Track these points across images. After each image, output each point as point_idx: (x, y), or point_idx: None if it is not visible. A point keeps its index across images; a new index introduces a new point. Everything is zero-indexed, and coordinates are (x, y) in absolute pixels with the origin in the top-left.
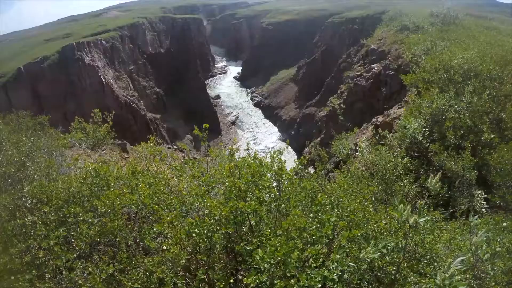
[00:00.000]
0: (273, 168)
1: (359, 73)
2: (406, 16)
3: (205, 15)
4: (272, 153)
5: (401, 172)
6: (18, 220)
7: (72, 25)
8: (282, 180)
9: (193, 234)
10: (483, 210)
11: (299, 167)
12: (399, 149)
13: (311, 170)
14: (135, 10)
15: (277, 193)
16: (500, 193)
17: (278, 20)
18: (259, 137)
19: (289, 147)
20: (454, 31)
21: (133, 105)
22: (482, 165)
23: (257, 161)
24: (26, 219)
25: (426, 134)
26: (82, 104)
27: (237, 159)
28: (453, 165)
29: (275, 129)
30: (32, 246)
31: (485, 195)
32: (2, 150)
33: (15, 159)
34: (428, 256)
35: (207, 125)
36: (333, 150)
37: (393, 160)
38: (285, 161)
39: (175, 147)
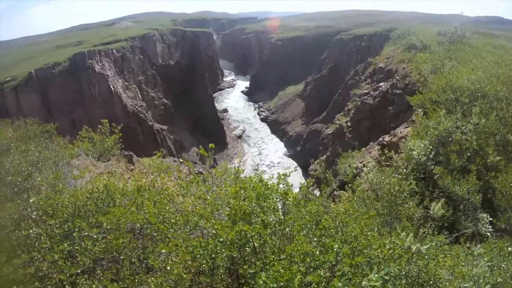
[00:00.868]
0: (279, 190)
1: (366, 91)
2: (414, 35)
3: (215, 29)
4: (279, 175)
5: (406, 195)
6: (23, 231)
7: (84, 33)
8: (288, 203)
9: (197, 255)
10: (488, 234)
11: (304, 190)
12: (404, 170)
13: (316, 192)
14: (146, 22)
15: (282, 216)
16: (506, 217)
17: (287, 36)
18: (265, 152)
19: (295, 162)
20: (461, 50)
21: (141, 115)
22: (488, 188)
23: (262, 185)
24: (31, 231)
25: (431, 156)
26: (90, 112)
27: (243, 177)
28: (458, 189)
29: (281, 144)
30: (36, 258)
31: (490, 219)
32: (9, 158)
33: (23, 168)
34: (431, 282)
35: (213, 145)
36: (338, 168)
37: (399, 186)
38: (292, 184)
39: (181, 160)
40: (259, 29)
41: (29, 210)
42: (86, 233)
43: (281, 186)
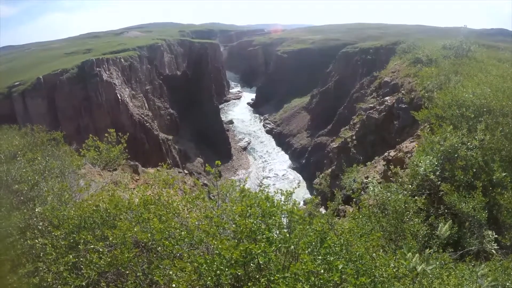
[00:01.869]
0: (284, 207)
1: (372, 105)
2: (419, 49)
3: (222, 40)
4: (285, 192)
5: (412, 213)
6: (28, 241)
7: (93, 41)
8: (293, 221)
9: (203, 272)
10: (493, 251)
11: (310, 207)
12: (410, 186)
13: (321, 209)
14: (154, 32)
15: (287, 234)
16: (511, 234)
17: (293, 48)
18: (269, 164)
19: (299, 175)
20: (466, 65)
21: (147, 124)
22: (493, 205)
23: (268, 203)
24: (36, 241)
25: (438, 173)
26: (96, 119)
27: (249, 191)
28: (463, 206)
29: (286, 157)
30: (41, 268)
31: (496, 236)
32: (16, 165)
33: (29, 177)
34: None
35: (219, 162)
36: (343, 182)
37: (405, 203)
38: (298, 202)
39: (185, 171)
40: (266, 41)
41: (34, 219)
42: (91, 246)
43: (284, 201)
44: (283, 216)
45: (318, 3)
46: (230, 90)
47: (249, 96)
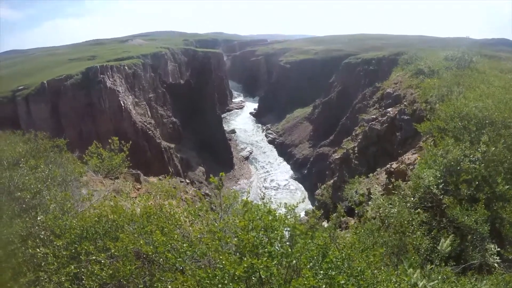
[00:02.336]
0: (287, 222)
1: (374, 116)
2: (422, 60)
3: (226, 50)
4: (288, 206)
5: (415, 227)
6: (30, 250)
7: (98, 48)
8: (295, 236)
9: (205, 286)
10: (496, 265)
11: (312, 221)
12: (412, 198)
13: (324, 223)
14: (159, 40)
15: (289, 249)
16: None
17: (296, 59)
18: (271, 174)
19: (301, 185)
20: (468, 76)
21: (149, 132)
22: (496, 218)
23: (270, 216)
24: (38, 250)
25: (441, 186)
26: (98, 125)
27: (251, 203)
28: (466, 219)
29: (288, 167)
30: (42, 278)
31: (498, 249)
32: (19, 172)
33: (32, 185)
34: None
35: (223, 174)
36: (345, 194)
37: (408, 217)
38: (299, 215)
39: (187, 181)
40: (269, 51)
41: (36, 228)
42: (93, 257)
43: (287, 214)
44: (285, 229)
45: (321, 14)
46: (233, 100)
47: (251, 105)
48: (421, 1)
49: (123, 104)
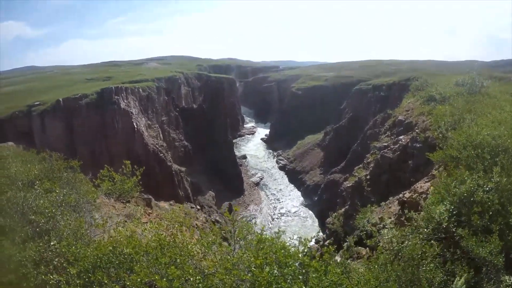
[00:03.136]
0: (301, 258)
1: (386, 144)
2: (433, 86)
3: (238, 76)
4: (301, 241)
5: (430, 260)
6: (42, 276)
7: (113, 70)
8: (310, 271)
9: None
10: None
11: (327, 256)
12: (425, 230)
13: (337, 257)
14: (173, 64)
15: (303, 286)
16: None
17: (307, 85)
18: (281, 200)
19: (311, 212)
20: (480, 102)
21: (161, 155)
22: (510, 249)
23: (284, 251)
24: (51, 276)
25: (453, 219)
26: (111, 145)
27: (264, 238)
28: (481, 250)
29: (299, 193)
30: None
31: None
32: (33, 193)
33: (46, 210)
34: None
35: (238, 209)
36: (357, 223)
37: (422, 251)
38: (313, 250)
39: (198, 207)
40: (281, 77)
41: (50, 253)
42: None
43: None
44: (297, 263)
45: (332, 42)
46: (245, 125)
47: (263, 131)
48: (432, 27)
49: (136, 126)
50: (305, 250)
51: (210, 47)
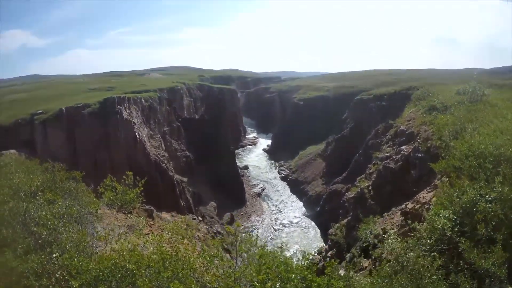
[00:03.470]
0: (303, 273)
1: (388, 154)
2: (434, 95)
3: (240, 86)
4: (305, 256)
5: (433, 272)
6: None
7: (116, 80)
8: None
9: None
10: None
11: (329, 270)
12: (428, 241)
13: (341, 271)
14: (175, 75)
15: None
16: None
17: (309, 96)
18: (283, 211)
19: (313, 223)
20: (481, 111)
21: (163, 165)
22: None
23: (286, 267)
24: None
25: (456, 229)
26: (113, 155)
27: (266, 253)
28: (483, 262)
29: (300, 204)
30: None
31: None
32: (35, 204)
33: (49, 222)
34: None
35: (239, 224)
36: (359, 234)
37: (425, 261)
38: (313, 253)
39: (199, 218)
40: (282, 88)
41: (52, 265)
42: None
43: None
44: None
45: (333, 52)
46: (247, 136)
47: (265, 142)
48: (431, 34)
49: (138, 136)
50: (308, 263)
51: (212, 58)
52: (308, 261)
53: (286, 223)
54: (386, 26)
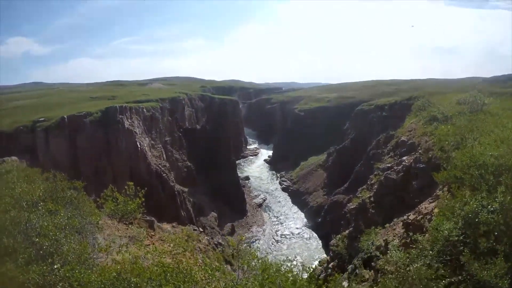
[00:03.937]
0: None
1: (389, 165)
2: (434, 106)
3: (241, 97)
4: (308, 271)
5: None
6: None
7: (118, 89)
8: None
9: None
10: None
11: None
12: (430, 252)
13: (344, 284)
14: (177, 85)
15: None
16: None
17: (310, 106)
18: (285, 222)
19: (315, 233)
20: (482, 120)
21: (164, 175)
22: None
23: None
24: None
25: (460, 238)
26: (114, 164)
27: (269, 266)
28: (485, 274)
29: (302, 215)
30: None
31: None
32: (37, 214)
33: (51, 233)
34: None
35: (243, 237)
36: (361, 245)
37: (428, 273)
38: (314, 267)
39: (200, 229)
40: (284, 99)
41: (53, 277)
42: None
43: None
44: None
45: (334, 63)
46: (248, 146)
47: (266, 153)
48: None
49: (139, 146)
50: (308, 277)
51: (214, 69)
52: (309, 273)
53: (287, 234)
54: (386, 32)
